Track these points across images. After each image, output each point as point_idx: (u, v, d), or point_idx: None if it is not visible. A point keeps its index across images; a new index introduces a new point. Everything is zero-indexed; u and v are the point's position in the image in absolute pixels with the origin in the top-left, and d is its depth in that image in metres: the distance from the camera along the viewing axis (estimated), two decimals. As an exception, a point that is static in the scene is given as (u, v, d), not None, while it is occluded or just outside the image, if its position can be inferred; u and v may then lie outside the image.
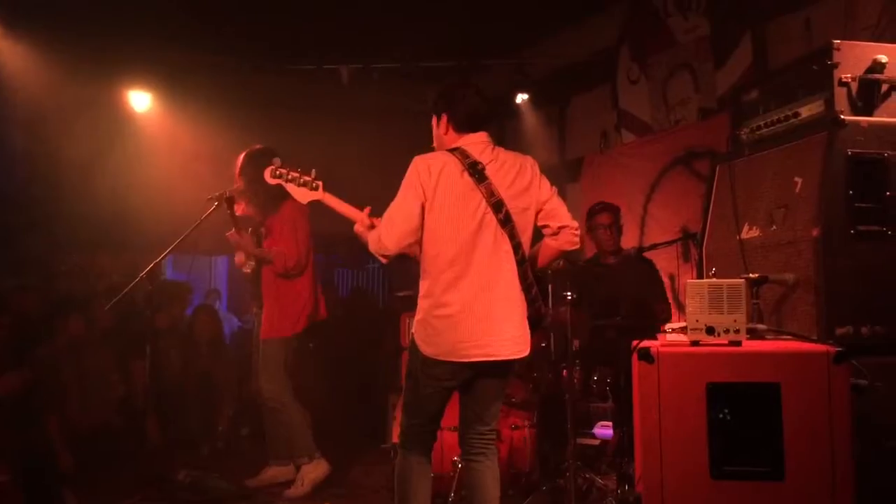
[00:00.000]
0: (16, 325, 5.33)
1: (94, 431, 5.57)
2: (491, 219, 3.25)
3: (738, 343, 2.67)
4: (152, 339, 5.09)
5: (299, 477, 5.00)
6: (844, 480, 2.48)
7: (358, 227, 3.50)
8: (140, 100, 7.32)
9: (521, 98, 7.72)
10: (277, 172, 3.66)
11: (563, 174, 7.63)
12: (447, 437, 4.51)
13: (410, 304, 6.78)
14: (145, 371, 5.06)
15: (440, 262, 3.25)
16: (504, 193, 3.28)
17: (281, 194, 4.03)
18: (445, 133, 3.45)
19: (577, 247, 3.45)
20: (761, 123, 3.51)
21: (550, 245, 3.41)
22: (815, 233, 3.04)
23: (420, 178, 3.24)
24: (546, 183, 3.43)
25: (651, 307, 4.93)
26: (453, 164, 3.26)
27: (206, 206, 4.85)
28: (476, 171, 3.26)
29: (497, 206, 3.25)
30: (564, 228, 3.37)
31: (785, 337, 2.93)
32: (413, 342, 3.35)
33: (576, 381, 4.54)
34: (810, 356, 2.59)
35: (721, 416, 2.58)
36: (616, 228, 5.23)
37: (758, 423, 2.56)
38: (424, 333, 3.29)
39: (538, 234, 3.44)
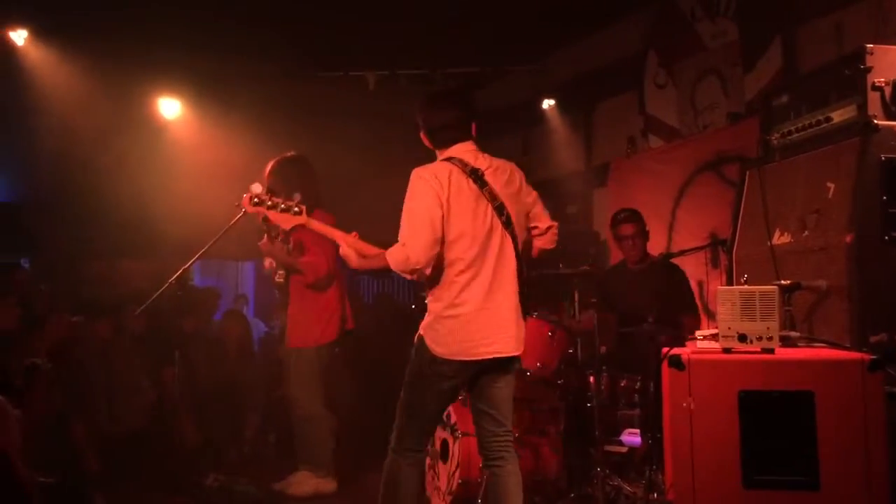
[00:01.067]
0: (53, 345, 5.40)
1: (125, 436, 5.62)
2: (497, 222, 3.37)
3: (771, 350, 2.64)
4: (181, 344, 5.13)
5: (309, 480, 5.02)
6: (881, 490, 2.44)
7: (343, 250, 3.53)
8: (170, 107, 7.40)
9: (547, 104, 7.71)
10: (256, 199, 3.59)
11: (590, 179, 7.61)
12: (475, 443, 4.49)
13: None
14: (175, 376, 5.10)
15: (458, 267, 3.32)
16: (503, 197, 3.41)
17: (310, 204, 4.01)
18: (433, 148, 3.56)
19: (554, 246, 3.67)
20: (792, 128, 3.48)
21: (535, 245, 3.62)
22: (848, 239, 3.00)
23: (433, 188, 3.30)
24: (530, 187, 3.61)
25: (678, 316, 4.87)
26: (458, 172, 3.36)
27: (234, 213, 4.87)
28: (478, 176, 3.38)
29: (500, 209, 3.38)
30: (551, 228, 3.61)
31: (818, 344, 2.89)
32: (421, 344, 3.41)
33: (603, 387, 4.51)
34: (844, 364, 2.55)
35: (754, 424, 2.55)
36: (640, 238, 5.15)
37: (791, 431, 2.53)
38: (435, 334, 3.36)
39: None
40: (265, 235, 4.96)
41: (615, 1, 6.75)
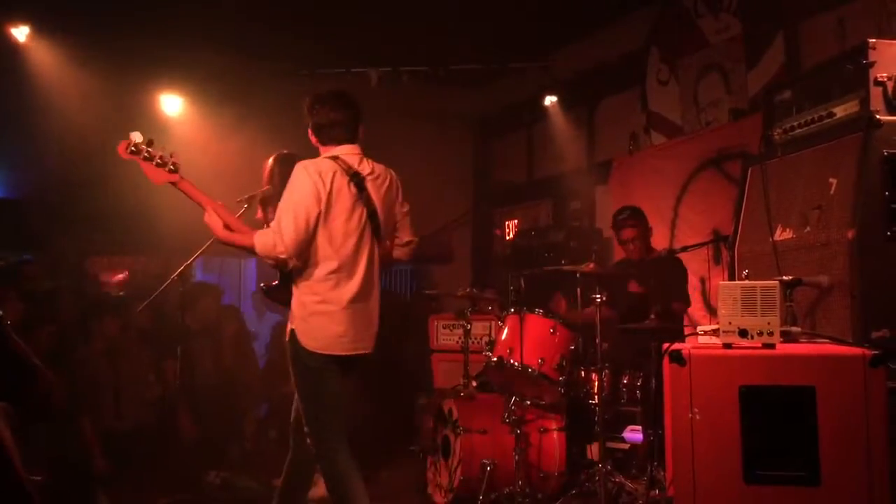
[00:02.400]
0: (59, 331, 5.41)
1: (130, 433, 5.63)
2: (368, 227, 3.53)
3: (772, 346, 2.63)
4: (184, 340, 5.14)
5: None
6: (882, 485, 2.44)
7: (208, 217, 3.60)
8: (172, 103, 7.40)
9: (549, 100, 7.70)
10: (133, 148, 3.49)
11: (593, 176, 7.60)
12: (476, 440, 4.51)
13: (437, 305, 6.80)
14: (176, 372, 5.11)
15: (330, 265, 3.45)
16: (378, 204, 3.56)
17: None
18: (318, 144, 3.66)
19: (410, 260, 3.85)
20: (795, 124, 3.47)
21: (394, 254, 3.77)
22: (850, 234, 2.99)
23: (315, 184, 3.41)
24: (404, 200, 3.75)
25: (669, 303, 4.87)
26: (340, 174, 3.47)
27: (236, 209, 4.88)
28: (358, 181, 3.51)
29: (373, 216, 3.54)
30: (411, 242, 3.78)
31: (820, 340, 2.89)
32: (293, 338, 3.49)
33: (605, 384, 4.51)
34: (846, 359, 2.55)
35: (755, 419, 2.54)
36: (642, 239, 5.15)
37: (792, 426, 2.52)
38: (308, 327, 3.47)
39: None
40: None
41: (617, -3, 6.75)
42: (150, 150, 3.52)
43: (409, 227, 3.77)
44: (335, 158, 3.53)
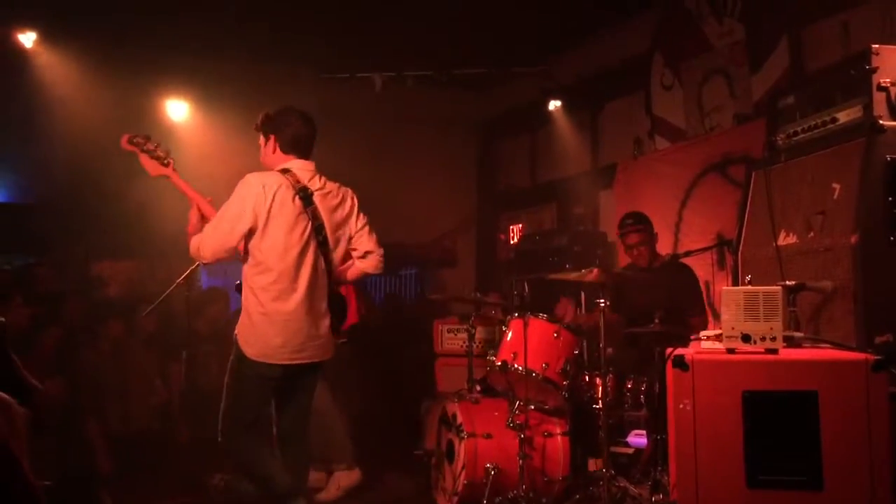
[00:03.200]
0: (64, 335, 5.43)
1: (135, 436, 5.65)
2: (313, 241, 3.64)
3: (775, 351, 2.64)
4: (190, 344, 5.15)
5: (332, 482, 5.02)
6: (884, 490, 2.44)
7: (191, 213, 3.78)
8: (177, 109, 7.43)
9: (553, 105, 7.71)
10: (134, 141, 3.82)
11: (597, 180, 7.61)
12: (480, 444, 4.51)
13: (442, 309, 6.81)
14: (180, 376, 5.13)
15: (271, 276, 3.58)
16: (326, 219, 3.68)
17: None
18: (273, 152, 3.78)
19: (380, 271, 3.91)
20: (798, 129, 3.48)
21: (357, 266, 3.87)
22: (853, 240, 3.00)
23: (255, 199, 3.55)
24: (362, 215, 3.87)
25: (686, 317, 4.86)
26: (286, 188, 3.60)
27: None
28: (305, 195, 3.62)
29: (319, 229, 3.65)
30: (371, 254, 3.85)
31: (822, 345, 2.89)
32: (236, 342, 3.65)
33: (609, 388, 4.51)
34: (848, 364, 2.55)
35: (757, 424, 2.55)
36: (647, 245, 5.09)
37: (795, 431, 2.53)
38: (247, 334, 3.62)
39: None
40: None
41: (621, 2, 6.75)
42: (149, 144, 3.82)
43: (368, 239, 3.85)
44: (285, 172, 3.65)
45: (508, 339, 4.59)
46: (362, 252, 3.86)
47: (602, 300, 4.36)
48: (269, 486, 3.68)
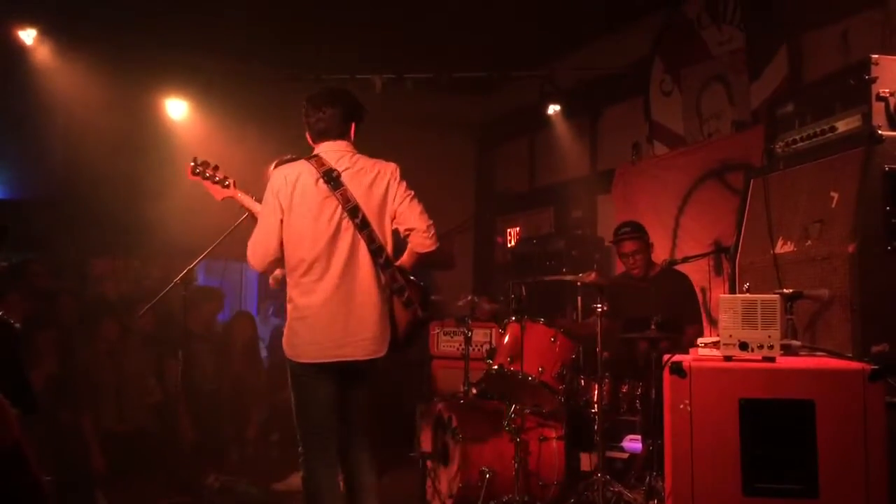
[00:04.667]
0: (59, 335, 5.43)
1: (130, 435, 5.64)
2: (348, 224, 3.39)
3: (772, 359, 2.65)
4: (185, 343, 5.15)
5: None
6: (880, 499, 2.45)
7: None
8: (176, 108, 7.42)
9: (552, 109, 7.71)
10: (196, 171, 3.81)
11: (594, 185, 7.62)
12: (476, 447, 4.51)
13: (439, 311, 6.80)
14: (177, 375, 5.12)
15: (301, 269, 3.38)
16: (360, 199, 3.41)
17: None
18: (312, 143, 3.61)
19: (431, 249, 3.51)
20: (797, 137, 3.49)
21: (409, 248, 3.54)
22: (851, 249, 3.01)
23: (276, 191, 3.41)
24: (402, 188, 3.52)
25: (681, 326, 4.86)
26: (308, 174, 3.41)
27: (239, 213, 4.90)
28: (331, 178, 3.40)
29: (353, 211, 3.39)
30: (413, 231, 3.49)
31: (819, 354, 2.90)
32: (281, 348, 3.48)
33: (605, 393, 4.52)
34: (845, 374, 2.56)
35: (754, 432, 2.56)
36: (642, 254, 5.07)
37: (791, 440, 2.54)
38: (289, 336, 3.42)
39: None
40: None
41: (622, 7, 6.76)
42: (210, 170, 3.80)
43: (409, 213, 3.48)
44: (311, 158, 3.47)
45: (505, 342, 4.60)
46: (404, 230, 3.51)
47: (599, 305, 4.37)
48: None
